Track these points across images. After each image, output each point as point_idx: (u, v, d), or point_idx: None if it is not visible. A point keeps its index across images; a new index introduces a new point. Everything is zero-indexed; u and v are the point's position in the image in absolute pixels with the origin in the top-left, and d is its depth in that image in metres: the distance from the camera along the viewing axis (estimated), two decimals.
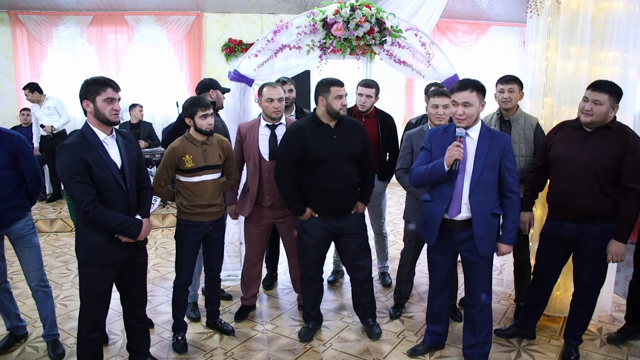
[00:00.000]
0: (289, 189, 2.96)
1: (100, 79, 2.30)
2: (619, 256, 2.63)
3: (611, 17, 3.03)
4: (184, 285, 3.00)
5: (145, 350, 2.78)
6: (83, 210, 2.24)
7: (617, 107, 2.60)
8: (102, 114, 2.27)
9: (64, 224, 5.75)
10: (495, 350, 2.99)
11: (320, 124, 2.93)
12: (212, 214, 2.95)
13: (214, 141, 2.95)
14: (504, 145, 2.53)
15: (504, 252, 2.64)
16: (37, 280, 2.91)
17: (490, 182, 2.54)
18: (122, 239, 2.39)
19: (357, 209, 3.07)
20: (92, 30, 7.45)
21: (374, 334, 3.15)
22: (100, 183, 2.28)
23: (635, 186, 2.54)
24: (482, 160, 2.51)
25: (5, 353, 2.97)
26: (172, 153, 2.83)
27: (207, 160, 2.88)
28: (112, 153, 2.34)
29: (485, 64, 8.26)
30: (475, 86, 2.49)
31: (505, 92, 3.15)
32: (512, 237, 2.61)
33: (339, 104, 2.86)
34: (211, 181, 2.92)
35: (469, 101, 2.47)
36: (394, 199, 7.35)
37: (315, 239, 3.03)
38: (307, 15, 3.61)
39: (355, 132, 2.99)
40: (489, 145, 2.51)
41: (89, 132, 2.30)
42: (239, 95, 3.81)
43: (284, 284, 4.06)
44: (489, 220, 2.56)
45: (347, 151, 2.94)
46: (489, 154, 2.51)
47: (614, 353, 2.98)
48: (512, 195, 2.55)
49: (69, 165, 2.21)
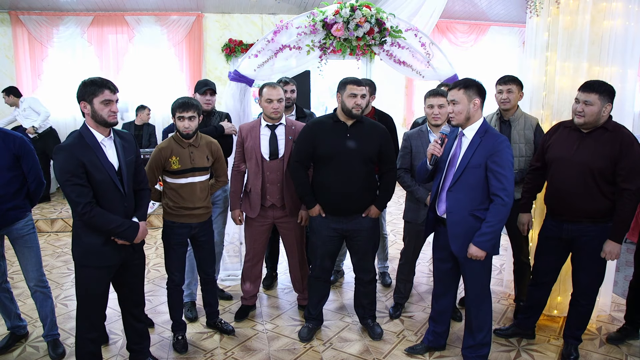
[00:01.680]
0: (300, 180, 2.97)
1: (97, 80, 2.28)
2: (613, 255, 2.64)
3: (611, 16, 3.03)
4: (176, 285, 3.00)
5: (146, 349, 2.78)
6: (79, 212, 2.23)
7: (610, 107, 2.59)
8: (99, 115, 2.26)
9: (64, 224, 5.75)
10: (495, 350, 2.99)
11: (337, 121, 2.93)
12: (198, 216, 2.93)
13: (202, 143, 2.92)
14: (493, 146, 2.45)
15: (473, 255, 2.48)
16: (37, 280, 2.91)
17: (473, 183, 2.49)
18: (118, 242, 2.38)
19: (369, 213, 2.97)
20: (93, 31, 7.45)
21: (375, 334, 3.15)
22: (98, 185, 2.26)
23: (629, 186, 2.54)
24: (467, 160, 2.50)
25: (6, 353, 2.98)
26: (158, 154, 2.82)
27: (193, 162, 2.85)
28: (109, 155, 2.33)
29: (484, 64, 8.26)
30: (464, 84, 2.50)
31: (504, 92, 3.15)
32: (484, 240, 2.44)
33: (352, 103, 2.84)
34: (198, 183, 2.89)
35: (455, 99, 2.50)
36: (394, 199, 7.36)
37: (321, 238, 3.02)
38: (307, 15, 3.62)
39: (373, 133, 2.93)
40: (478, 145, 2.49)
41: (87, 133, 2.29)
42: (239, 95, 3.82)
43: (284, 284, 4.06)
44: (468, 220, 2.50)
45: (360, 151, 2.88)
46: (474, 154, 2.48)
47: (613, 353, 2.98)
48: (495, 198, 2.43)
49: (65, 167, 2.20)
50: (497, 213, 2.43)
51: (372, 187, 3.01)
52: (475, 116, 2.53)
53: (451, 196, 2.54)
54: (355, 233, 3.00)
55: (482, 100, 2.54)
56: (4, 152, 2.71)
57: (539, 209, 3.35)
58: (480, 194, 2.49)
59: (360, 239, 3.01)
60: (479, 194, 2.49)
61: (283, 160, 3.17)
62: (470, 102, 2.49)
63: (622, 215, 2.59)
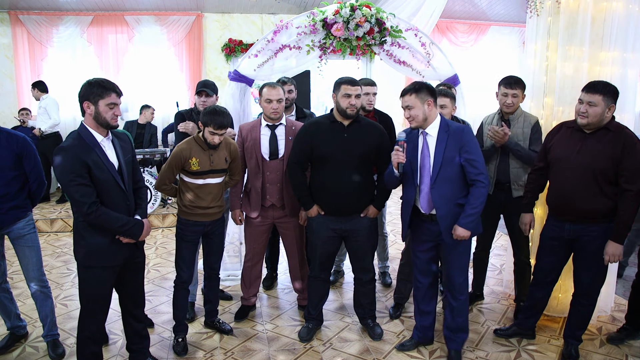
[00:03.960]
0: (298, 181, 2.98)
1: (105, 82, 2.29)
2: (615, 257, 2.63)
3: (610, 17, 3.03)
4: (184, 282, 3.00)
5: (145, 350, 2.78)
6: (85, 212, 2.22)
7: (613, 107, 2.59)
8: (102, 117, 2.27)
9: (64, 224, 5.75)
10: (495, 350, 3.00)
11: (334, 122, 2.94)
12: (212, 215, 2.96)
13: (222, 145, 2.94)
14: (461, 138, 2.59)
15: (459, 235, 2.60)
16: (37, 280, 2.91)
17: (452, 175, 2.61)
18: (123, 240, 2.39)
19: (368, 213, 2.98)
20: (92, 31, 7.45)
21: (375, 334, 3.15)
22: (101, 184, 2.27)
23: (632, 187, 2.54)
24: (441, 155, 2.61)
25: (6, 353, 2.97)
26: (179, 154, 2.84)
27: (213, 164, 2.88)
28: (109, 154, 2.34)
29: (485, 64, 8.24)
30: (414, 89, 2.63)
31: (509, 96, 3.15)
32: (469, 222, 2.58)
33: (347, 103, 2.85)
34: (215, 185, 2.93)
35: (409, 104, 2.63)
36: (394, 198, 7.29)
37: (320, 239, 3.02)
38: (307, 15, 3.62)
39: (371, 133, 2.94)
40: (447, 139, 2.61)
41: (86, 133, 2.29)
42: (239, 95, 3.81)
43: (284, 284, 4.06)
44: (454, 211, 2.63)
45: (358, 152, 2.89)
46: (447, 148, 2.60)
47: (613, 353, 2.98)
48: (475, 183, 2.57)
49: (68, 167, 2.19)
50: (480, 195, 2.58)
51: (370, 187, 3.02)
52: (432, 115, 2.65)
53: (435, 193, 2.63)
54: (354, 233, 3.00)
55: (435, 99, 2.66)
56: (6, 152, 2.73)
57: (541, 209, 3.35)
58: (460, 185, 2.64)
59: (359, 239, 3.02)
60: (459, 185, 2.64)
61: (283, 161, 3.17)
62: (423, 104, 2.61)
63: (623, 216, 2.59)
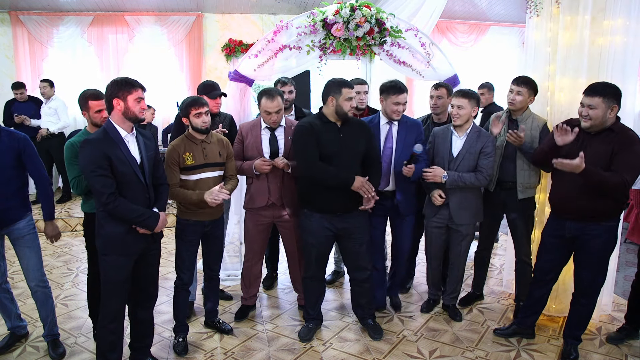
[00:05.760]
0: (328, 174, 2.86)
1: (130, 79, 2.44)
2: (573, 166, 2.53)
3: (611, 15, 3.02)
4: (184, 284, 3.01)
5: (147, 349, 2.79)
6: (104, 202, 2.33)
7: (616, 108, 2.60)
8: (132, 111, 2.41)
9: (64, 224, 5.75)
10: (495, 350, 3.00)
11: (327, 122, 2.96)
12: (211, 214, 2.97)
13: (214, 140, 2.98)
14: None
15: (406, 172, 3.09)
16: (37, 280, 2.91)
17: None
18: (139, 231, 2.46)
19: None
20: (93, 31, 7.44)
21: (376, 334, 3.15)
22: (122, 177, 2.38)
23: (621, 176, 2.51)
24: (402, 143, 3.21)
25: (6, 353, 2.98)
26: (172, 151, 2.87)
27: (207, 157, 2.91)
28: (132, 149, 2.45)
29: (484, 64, 8.25)
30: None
31: (513, 92, 3.18)
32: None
33: (349, 106, 2.91)
34: (212, 179, 2.93)
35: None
36: None
37: (317, 238, 3.03)
38: (307, 15, 3.62)
39: (360, 131, 3.01)
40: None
41: (112, 129, 2.41)
42: (239, 96, 3.82)
43: (284, 284, 4.06)
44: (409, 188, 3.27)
45: (354, 150, 2.96)
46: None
47: (613, 353, 2.98)
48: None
49: (91, 159, 2.31)
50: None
51: None
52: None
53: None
54: (349, 231, 3.03)
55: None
56: (8, 151, 2.75)
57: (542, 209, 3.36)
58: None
59: (355, 236, 3.04)
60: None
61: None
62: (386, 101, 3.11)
63: (604, 176, 2.51)
